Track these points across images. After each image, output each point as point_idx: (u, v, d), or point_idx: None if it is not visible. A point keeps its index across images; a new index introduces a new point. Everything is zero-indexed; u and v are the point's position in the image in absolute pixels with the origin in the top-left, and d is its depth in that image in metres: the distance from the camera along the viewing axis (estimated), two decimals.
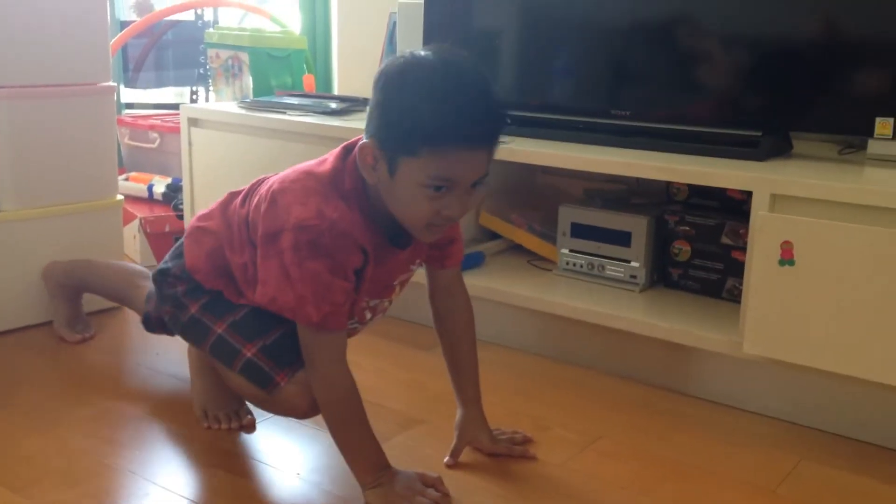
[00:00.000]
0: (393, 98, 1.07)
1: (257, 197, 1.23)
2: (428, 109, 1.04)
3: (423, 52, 1.09)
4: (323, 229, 1.11)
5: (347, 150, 1.17)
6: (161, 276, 1.36)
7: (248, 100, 2.27)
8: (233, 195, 1.32)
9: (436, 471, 1.25)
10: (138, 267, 1.73)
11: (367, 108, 1.12)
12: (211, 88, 2.65)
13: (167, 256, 1.39)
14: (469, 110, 1.05)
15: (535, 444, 1.37)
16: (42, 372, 1.61)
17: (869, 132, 1.53)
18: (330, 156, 1.19)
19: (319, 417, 1.43)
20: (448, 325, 1.35)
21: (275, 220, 1.15)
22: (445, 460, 1.29)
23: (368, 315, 1.28)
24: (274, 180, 1.20)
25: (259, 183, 1.27)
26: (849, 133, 1.68)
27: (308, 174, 1.17)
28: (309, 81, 2.54)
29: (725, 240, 1.65)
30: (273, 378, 1.23)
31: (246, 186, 1.30)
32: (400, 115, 1.06)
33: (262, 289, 1.17)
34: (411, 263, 1.26)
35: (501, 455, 1.32)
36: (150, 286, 1.51)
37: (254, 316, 1.27)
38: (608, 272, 1.74)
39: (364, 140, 1.11)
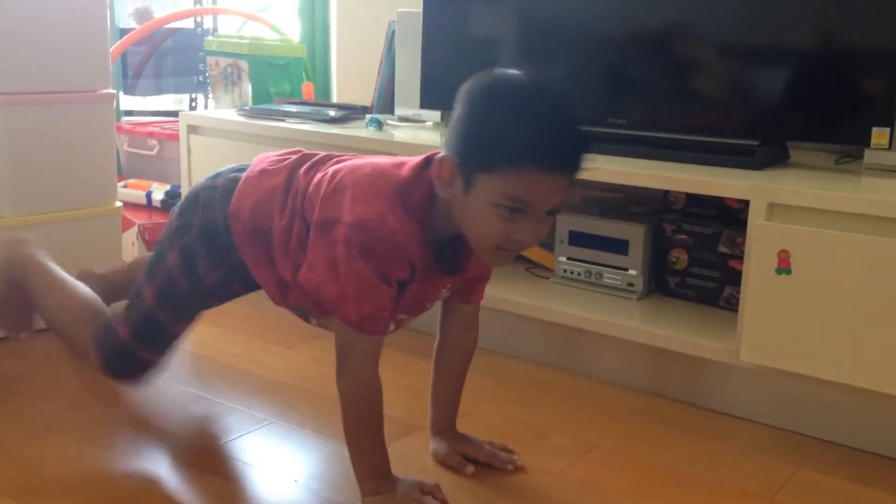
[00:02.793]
0: (477, 112, 1.06)
1: (321, 174, 1.20)
2: (512, 127, 1.03)
3: (513, 72, 1.08)
4: (380, 236, 1.10)
5: (428, 161, 1.15)
6: (198, 196, 1.31)
7: (247, 107, 2.28)
8: (304, 158, 1.26)
9: (433, 477, 1.25)
10: (91, 300, 1.45)
11: (450, 122, 1.10)
12: (210, 96, 2.66)
13: (219, 172, 1.32)
14: (554, 134, 1.04)
15: (529, 454, 1.37)
16: (39, 378, 1.60)
17: (865, 142, 1.54)
18: (409, 162, 1.16)
19: (319, 424, 1.43)
20: (452, 356, 1.34)
21: (335, 208, 1.13)
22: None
23: (392, 327, 1.24)
24: (344, 166, 1.18)
25: (327, 158, 1.25)
26: (845, 143, 1.69)
27: (382, 174, 1.15)
28: (308, 89, 2.54)
29: (722, 248, 1.66)
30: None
31: (317, 155, 1.27)
32: (482, 130, 1.05)
33: (309, 273, 1.15)
34: (445, 288, 1.25)
35: (481, 462, 1.31)
36: (104, 317, 1.41)
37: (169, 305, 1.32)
38: (606, 280, 1.75)
39: (442, 153, 1.09)
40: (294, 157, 1.28)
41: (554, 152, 1.04)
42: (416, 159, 1.17)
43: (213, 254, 1.29)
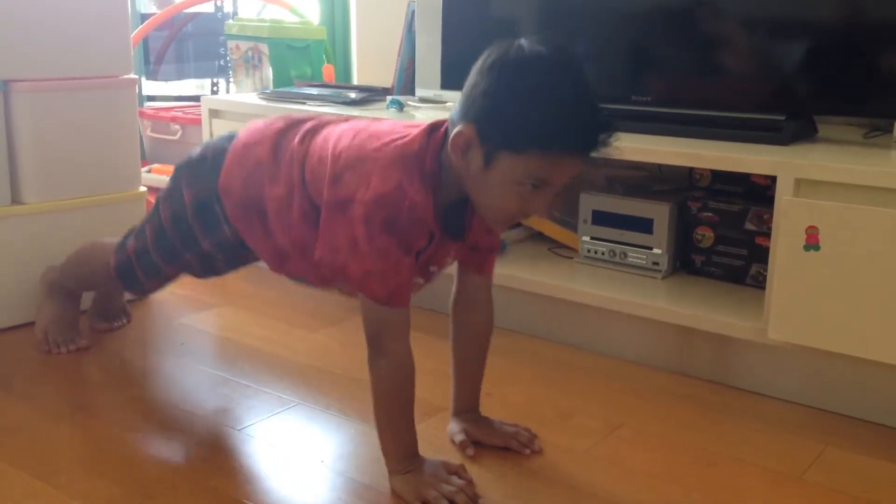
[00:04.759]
0: (505, 91, 1.04)
1: (319, 146, 1.20)
2: (545, 112, 1.02)
3: (538, 46, 1.05)
4: (402, 208, 1.09)
5: (434, 127, 1.14)
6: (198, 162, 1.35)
7: (268, 91, 2.28)
8: (291, 126, 1.26)
9: (457, 458, 1.26)
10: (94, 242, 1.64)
11: (469, 90, 1.07)
12: (231, 80, 2.66)
13: (208, 143, 1.37)
14: (585, 119, 1.04)
15: (554, 434, 1.37)
16: (67, 362, 1.62)
17: (895, 115, 1.51)
18: (412, 130, 1.15)
19: (344, 406, 1.44)
20: (468, 335, 1.33)
21: (347, 187, 1.12)
22: (467, 452, 1.29)
23: None
24: (346, 144, 1.16)
25: (318, 125, 1.24)
26: (874, 116, 1.66)
27: (391, 146, 1.13)
28: (328, 72, 2.54)
29: (749, 225, 1.64)
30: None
31: (307, 122, 1.26)
32: (513, 111, 1.03)
33: (330, 255, 1.14)
34: (450, 256, 1.25)
35: (498, 446, 1.31)
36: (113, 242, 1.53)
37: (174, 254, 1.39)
38: (630, 259, 1.73)
39: (458, 122, 1.07)
40: (279, 124, 1.28)
41: (585, 138, 1.04)
42: (419, 126, 1.15)
43: (208, 226, 1.33)
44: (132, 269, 1.47)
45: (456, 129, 1.07)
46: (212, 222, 1.32)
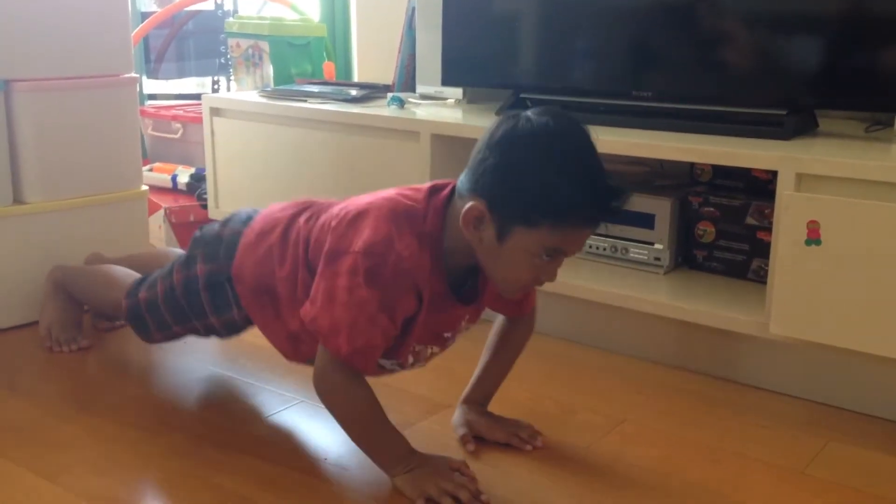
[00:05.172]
0: (518, 166, 1.05)
1: (325, 217, 1.21)
2: (557, 186, 1.03)
3: (545, 118, 1.06)
4: (388, 260, 1.09)
5: (435, 190, 1.15)
6: (211, 242, 1.35)
7: (268, 88, 2.28)
8: (302, 210, 1.28)
9: (460, 454, 1.26)
10: (119, 269, 1.63)
11: (477, 163, 1.08)
12: (232, 78, 2.66)
13: (228, 219, 1.37)
14: (596, 190, 1.05)
15: (557, 430, 1.37)
16: (71, 360, 1.63)
17: None
18: (416, 191, 1.16)
19: None
20: (505, 345, 1.35)
21: (343, 239, 1.13)
22: (468, 447, 1.29)
23: (411, 360, 1.25)
24: (351, 205, 1.18)
25: (329, 204, 1.25)
26: (876, 110, 1.66)
27: (389, 201, 1.15)
28: (329, 69, 2.54)
29: (750, 220, 1.64)
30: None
31: (317, 204, 1.27)
32: (524, 186, 1.04)
33: (308, 305, 1.15)
34: (464, 320, 1.24)
35: (500, 442, 1.31)
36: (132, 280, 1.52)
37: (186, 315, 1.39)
38: (632, 255, 1.73)
39: (467, 195, 1.09)
40: (290, 210, 1.29)
41: (596, 206, 1.06)
42: (422, 187, 1.17)
43: (217, 305, 1.34)
44: (143, 319, 1.45)
45: (467, 205, 1.08)
46: (222, 303, 1.34)
